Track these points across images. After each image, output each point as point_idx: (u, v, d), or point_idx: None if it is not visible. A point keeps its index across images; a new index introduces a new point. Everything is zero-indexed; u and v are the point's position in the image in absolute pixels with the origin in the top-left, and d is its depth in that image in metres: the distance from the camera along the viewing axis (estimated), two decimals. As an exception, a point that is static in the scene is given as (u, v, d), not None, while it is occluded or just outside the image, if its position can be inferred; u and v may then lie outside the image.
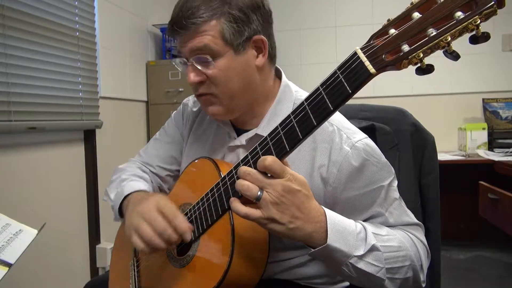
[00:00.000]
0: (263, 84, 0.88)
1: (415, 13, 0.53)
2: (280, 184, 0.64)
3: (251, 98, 0.87)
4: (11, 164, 1.69)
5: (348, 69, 0.58)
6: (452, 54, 0.52)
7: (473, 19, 0.48)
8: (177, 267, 0.84)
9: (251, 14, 0.81)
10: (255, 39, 0.83)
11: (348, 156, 0.79)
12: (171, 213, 0.77)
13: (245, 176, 0.66)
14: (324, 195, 0.82)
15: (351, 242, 0.70)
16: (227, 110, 0.87)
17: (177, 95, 2.71)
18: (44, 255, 1.82)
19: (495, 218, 1.65)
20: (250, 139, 0.89)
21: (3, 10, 1.60)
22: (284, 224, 0.65)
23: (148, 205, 0.80)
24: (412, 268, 0.78)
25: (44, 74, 1.82)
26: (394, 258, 0.75)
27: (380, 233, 0.76)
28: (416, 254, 0.79)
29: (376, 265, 0.72)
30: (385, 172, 0.82)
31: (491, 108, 3.00)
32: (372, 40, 0.57)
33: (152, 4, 2.87)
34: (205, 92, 0.85)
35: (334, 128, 0.83)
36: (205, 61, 0.81)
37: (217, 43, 0.80)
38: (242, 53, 0.82)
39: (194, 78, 0.83)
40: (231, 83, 0.83)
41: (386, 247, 0.74)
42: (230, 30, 0.80)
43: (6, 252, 0.80)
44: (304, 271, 0.88)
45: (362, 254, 0.71)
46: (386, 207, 0.82)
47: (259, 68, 0.85)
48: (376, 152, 0.82)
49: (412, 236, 0.82)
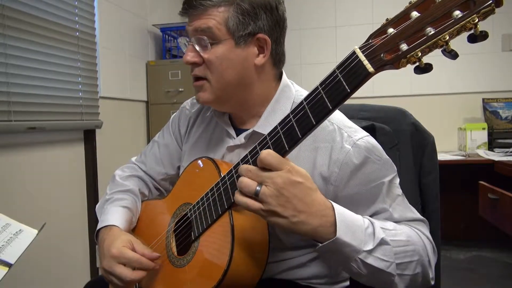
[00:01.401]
0: (261, 85, 0.88)
1: (414, 12, 0.53)
2: (279, 176, 0.63)
3: (245, 95, 0.88)
4: (11, 164, 1.69)
5: (347, 69, 0.59)
6: (451, 53, 0.52)
7: (471, 18, 0.48)
8: (177, 267, 0.84)
9: (260, 12, 0.83)
10: (259, 37, 0.83)
11: (349, 155, 0.79)
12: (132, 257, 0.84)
13: (246, 173, 0.66)
14: (325, 194, 0.81)
15: (360, 237, 0.68)
16: (217, 99, 0.87)
17: (177, 95, 2.71)
18: (44, 255, 1.82)
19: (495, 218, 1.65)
20: (249, 137, 0.89)
21: (3, 10, 1.60)
22: (286, 217, 0.64)
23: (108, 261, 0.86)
24: (421, 263, 0.76)
25: (44, 74, 1.82)
26: (403, 253, 0.73)
27: (387, 227, 0.75)
28: (423, 249, 0.78)
29: (386, 260, 0.71)
30: (387, 169, 0.82)
31: (491, 108, 3.00)
32: (371, 40, 0.58)
33: (152, 4, 2.87)
34: (199, 75, 0.86)
35: (334, 127, 0.83)
36: (204, 43, 0.83)
37: (220, 29, 0.81)
38: (243, 46, 0.83)
39: (189, 58, 0.85)
40: (225, 73, 0.84)
41: (394, 241, 0.73)
42: (235, 20, 0.81)
43: (6, 252, 0.80)
44: (304, 271, 0.88)
45: (372, 248, 0.69)
46: (390, 203, 0.81)
47: (257, 67, 0.85)
48: (378, 149, 0.82)
49: (418, 231, 0.81)
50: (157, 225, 0.96)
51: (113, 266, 0.84)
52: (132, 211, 1.00)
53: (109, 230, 0.93)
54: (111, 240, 0.88)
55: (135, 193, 1.05)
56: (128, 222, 0.97)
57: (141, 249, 0.86)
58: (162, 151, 1.09)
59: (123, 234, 0.90)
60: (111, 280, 0.86)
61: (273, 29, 0.85)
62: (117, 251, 0.84)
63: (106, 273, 0.86)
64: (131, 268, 0.84)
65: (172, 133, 1.08)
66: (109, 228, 0.93)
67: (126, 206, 1.00)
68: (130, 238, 0.88)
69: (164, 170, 1.09)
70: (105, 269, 0.86)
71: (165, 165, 1.09)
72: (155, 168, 1.09)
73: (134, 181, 1.08)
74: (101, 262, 0.88)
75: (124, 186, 1.05)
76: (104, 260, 0.86)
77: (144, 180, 1.10)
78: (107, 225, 0.94)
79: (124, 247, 0.85)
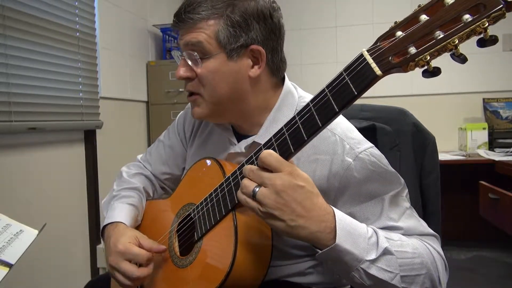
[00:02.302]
0: (257, 97, 0.85)
1: (423, 15, 0.53)
2: (279, 178, 0.62)
3: (241, 107, 0.86)
4: (11, 164, 1.69)
5: (354, 71, 0.58)
6: (460, 57, 0.52)
7: (481, 22, 0.48)
8: (180, 267, 0.84)
9: (253, 23, 0.80)
10: (252, 48, 0.80)
11: (350, 169, 0.76)
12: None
13: (249, 173, 0.66)
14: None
15: (362, 245, 0.66)
16: (212, 113, 0.86)
17: (178, 96, 2.71)
18: (44, 255, 1.81)
19: (495, 218, 1.65)
20: (250, 146, 0.87)
21: (3, 10, 1.59)
22: (284, 221, 0.63)
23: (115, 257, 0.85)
24: (429, 277, 0.72)
25: (44, 75, 1.81)
26: (409, 265, 0.69)
27: (392, 238, 0.71)
28: (433, 263, 0.73)
29: (390, 271, 0.67)
30: (392, 182, 0.78)
31: (492, 108, 3.00)
32: (379, 42, 0.57)
33: (152, 4, 2.86)
34: (193, 91, 0.85)
35: (336, 138, 0.79)
36: (195, 58, 0.81)
37: (211, 43, 0.79)
38: (236, 59, 0.81)
39: (182, 73, 0.84)
40: (218, 88, 0.82)
41: (399, 252, 0.69)
42: (226, 33, 0.79)
43: (6, 252, 0.80)
44: (305, 278, 0.87)
45: (374, 258, 0.66)
46: (397, 218, 0.76)
47: (252, 79, 0.83)
48: (383, 162, 0.79)
49: (428, 245, 0.76)
50: (160, 224, 0.96)
51: (119, 262, 0.83)
52: (138, 209, 1.01)
53: (115, 226, 0.92)
54: (117, 236, 0.87)
55: (141, 191, 1.05)
56: (134, 219, 0.97)
57: (148, 244, 0.85)
58: (167, 152, 1.09)
59: (129, 231, 0.89)
60: (117, 276, 0.85)
61: (268, 39, 0.82)
62: (123, 247, 0.84)
63: (112, 269, 0.85)
64: (137, 264, 0.84)
65: (178, 134, 1.08)
66: (115, 225, 0.93)
67: (133, 204, 1.00)
68: (136, 234, 0.88)
69: (169, 170, 1.09)
70: (111, 265, 0.85)
71: (170, 165, 1.09)
72: (160, 168, 1.10)
73: (140, 179, 1.08)
74: (107, 258, 0.87)
75: (131, 183, 1.05)
76: (110, 256, 0.86)
77: (149, 179, 1.10)
78: (113, 222, 0.94)
79: (130, 243, 0.84)
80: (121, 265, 0.82)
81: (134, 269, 0.82)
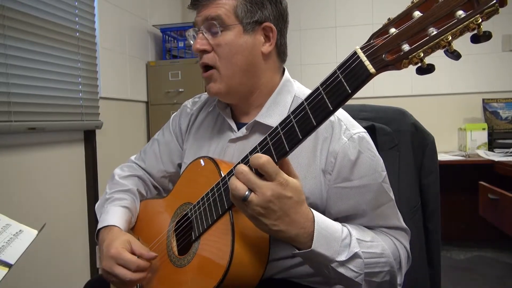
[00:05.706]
0: (267, 74, 0.91)
1: (416, 12, 0.53)
2: (270, 188, 0.65)
3: (251, 82, 0.90)
4: (11, 164, 1.69)
5: (348, 69, 0.58)
6: (453, 54, 0.52)
7: (475, 18, 0.48)
8: (178, 267, 0.84)
9: (266, 2, 0.88)
10: (265, 25, 0.87)
11: (345, 147, 0.82)
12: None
13: (238, 174, 0.67)
14: (323, 184, 0.83)
15: (335, 248, 0.72)
16: (228, 89, 0.90)
17: (177, 96, 2.71)
18: (44, 255, 1.82)
19: (495, 218, 1.65)
20: (251, 127, 0.90)
21: (3, 10, 1.60)
22: (267, 224, 0.67)
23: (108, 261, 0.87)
24: (390, 273, 0.81)
25: (44, 75, 1.82)
26: (374, 264, 0.78)
27: (364, 239, 0.78)
28: (397, 259, 0.82)
29: (355, 271, 0.75)
30: (378, 167, 0.84)
31: (491, 108, 2.99)
32: (372, 40, 0.57)
33: (152, 4, 2.87)
34: (209, 64, 0.89)
35: (335, 117, 0.85)
36: (214, 30, 0.86)
37: (229, 16, 0.86)
38: (250, 33, 0.87)
39: (199, 46, 0.88)
40: (234, 59, 0.87)
41: (368, 253, 0.77)
42: (243, 7, 0.86)
43: (6, 252, 0.80)
44: (303, 270, 0.88)
45: (344, 260, 0.73)
46: (376, 206, 0.83)
47: (264, 55, 0.89)
48: (371, 147, 0.85)
49: (396, 241, 0.85)
50: (158, 224, 0.96)
51: (112, 266, 0.85)
52: (131, 211, 1.02)
53: (109, 230, 0.94)
54: (111, 240, 0.89)
55: (134, 193, 1.06)
56: (127, 222, 0.99)
57: (139, 250, 0.87)
58: (162, 149, 1.10)
59: (122, 235, 0.91)
60: (112, 280, 0.87)
61: (278, 20, 0.90)
62: (115, 251, 0.85)
63: (106, 273, 0.87)
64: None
65: (172, 131, 1.09)
66: (109, 228, 0.94)
67: (126, 206, 1.01)
68: (128, 239, 0.89)
69: (163, 167, 1.10)
70: (105, 269, 0.86)
71: (165, 162, 1.09)
72: (154, 166, 1.10)
73: (133, 180, 1.09)
74: (101, 263, 0.88)
75: (123, 185, 1.06)
76: (104, 261, 0.87)
77: (142, 180, 1.11)
78: (107, 225, 0.95)
79: (123, 249, 0.86)
80: (113, 269, 0.85)
81: (127, 272, 0.84)
